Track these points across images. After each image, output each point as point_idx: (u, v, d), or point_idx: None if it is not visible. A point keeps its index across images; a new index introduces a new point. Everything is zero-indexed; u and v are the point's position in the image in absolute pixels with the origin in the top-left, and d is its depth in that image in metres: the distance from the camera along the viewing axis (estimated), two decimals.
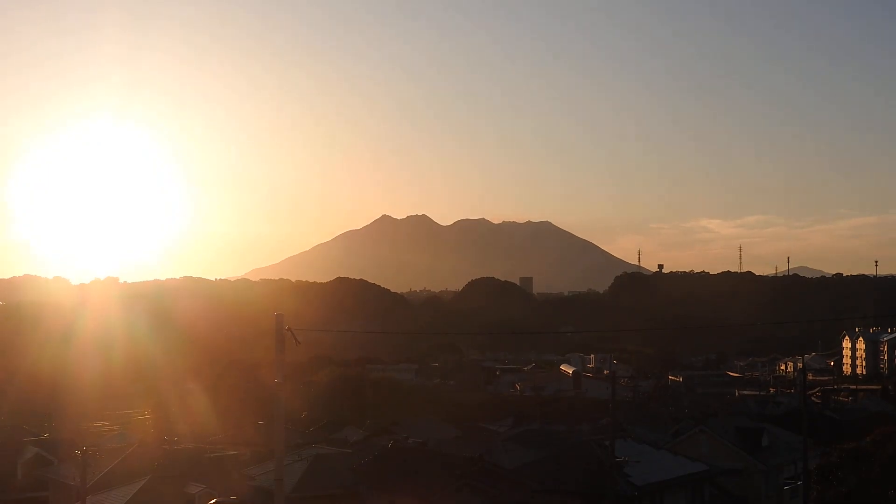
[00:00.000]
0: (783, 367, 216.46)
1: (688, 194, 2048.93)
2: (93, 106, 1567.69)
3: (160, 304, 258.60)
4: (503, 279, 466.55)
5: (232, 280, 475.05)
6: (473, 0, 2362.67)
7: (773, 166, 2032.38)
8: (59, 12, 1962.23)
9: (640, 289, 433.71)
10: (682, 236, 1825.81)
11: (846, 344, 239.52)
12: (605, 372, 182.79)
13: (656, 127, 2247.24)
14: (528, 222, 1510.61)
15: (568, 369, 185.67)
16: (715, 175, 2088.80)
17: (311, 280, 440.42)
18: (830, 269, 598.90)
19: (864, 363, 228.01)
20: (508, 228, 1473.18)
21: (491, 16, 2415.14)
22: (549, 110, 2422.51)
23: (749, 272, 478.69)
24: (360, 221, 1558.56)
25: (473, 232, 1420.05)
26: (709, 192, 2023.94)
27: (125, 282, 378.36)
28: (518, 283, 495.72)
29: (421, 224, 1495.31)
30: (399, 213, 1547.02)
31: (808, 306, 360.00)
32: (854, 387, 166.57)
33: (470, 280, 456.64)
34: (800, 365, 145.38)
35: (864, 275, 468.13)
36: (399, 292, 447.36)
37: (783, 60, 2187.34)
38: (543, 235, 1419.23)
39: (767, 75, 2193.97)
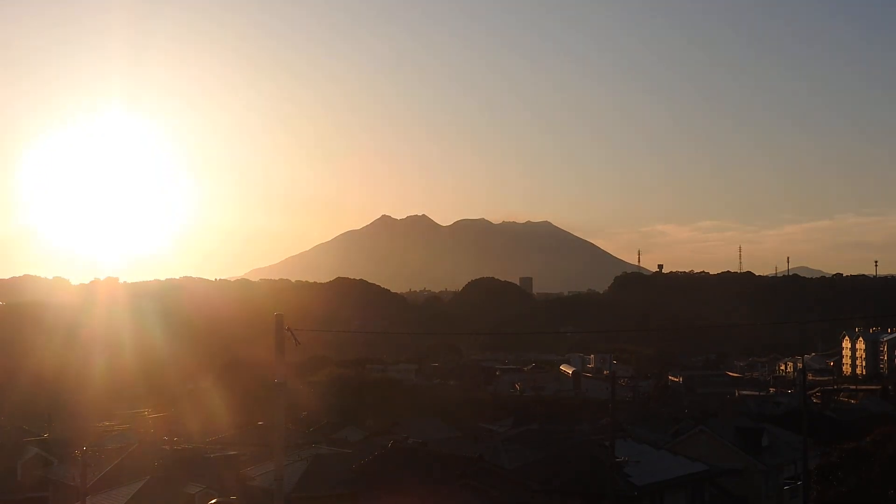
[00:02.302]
0: (783, 368, 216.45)
1: (645, 199, 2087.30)
2: (92, 107, 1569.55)
3: (160, 304, 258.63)
4: (503, 279, 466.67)
5: (232, 280, 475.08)
6: (473, 1, 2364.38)
7: (724, 173, 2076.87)
8: (60, 9, 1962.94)
9: (639, 289, 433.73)
10: (642, 240, 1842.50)
11: (846, 344, 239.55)
12: (605, 372, 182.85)
13: (628, 131, 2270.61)
14: (528, 222, 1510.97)
15: (568, 369, 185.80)
16: (670, 181, 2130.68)
17: (311, 280, 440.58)
18: (829, 270, 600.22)
19: (864, 363, 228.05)
20: (508, 228, 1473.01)
21: (490, 17, 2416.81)
22: (548, 111, 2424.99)
23: (749, 272, 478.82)
24: (360, 221, 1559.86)
25: (473, 232, 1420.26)
26: (663, 197, 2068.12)
27: (125, 282, 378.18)
28: (518, 283, 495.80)
29: (421, 224, 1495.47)
30: (399, 213, 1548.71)
31: (808, 306, 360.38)
32: (854, 387, 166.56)
33: (470, 280, 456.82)
34: (800, 365, 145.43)
35: (864, 275, 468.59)
36: (399, 292, 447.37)
37: (731, 72, 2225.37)
38: (543, 235, 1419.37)
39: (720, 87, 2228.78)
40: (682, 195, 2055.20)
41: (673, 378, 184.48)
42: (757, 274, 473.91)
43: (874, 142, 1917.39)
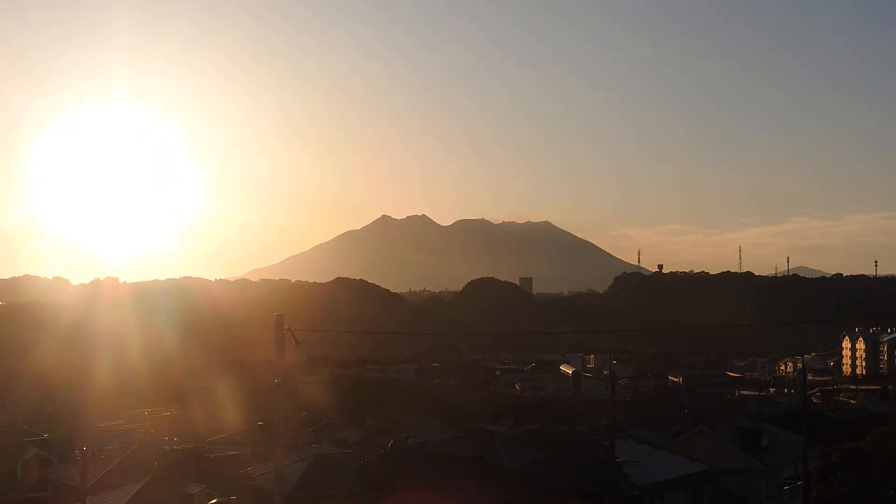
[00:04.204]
0: (783, 368, 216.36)
1: (611, 203, 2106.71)
2: (93, 107, 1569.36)
3: (160, 304, 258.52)
4: (503, 279, 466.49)
5: (232, 280, 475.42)
6: (473, 1, 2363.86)
7: (683, 178, 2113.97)
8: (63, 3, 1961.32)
9: (639, 289, 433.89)
10: (612, 242, 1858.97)
11: (846, 344, 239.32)
12: (605, 372, 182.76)
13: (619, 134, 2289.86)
14: (528, 222, 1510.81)
15: (568, 369, 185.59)
16: (633, 186, 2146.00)
17: (311, 280, 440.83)
18: (830, 270, 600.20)
19: (863, 363, 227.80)
20: (508, 228, 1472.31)
21: (491, 17, 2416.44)
22: (548, 110, 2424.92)
23: (749, 272, 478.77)
24: (360, 221, 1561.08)
25: (473, 232, 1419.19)
26: (625, 201, 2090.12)
27: (125, 282, 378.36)
28: (518, 284, 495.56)
29: (421, 224, 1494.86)
30: (399, 213, 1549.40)
31: (808, 306, 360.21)
32: (854, 387, 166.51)
33: (470, 280, 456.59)
34: (799, 365, 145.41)
35: (864, 275, 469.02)
36: (399, 292, 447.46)
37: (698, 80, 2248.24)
38: (543, 235, 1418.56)
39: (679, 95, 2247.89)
40: (643, 199, 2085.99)
41: (673, 378, 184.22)
42: (757, 274, 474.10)
43: (831, 147, 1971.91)
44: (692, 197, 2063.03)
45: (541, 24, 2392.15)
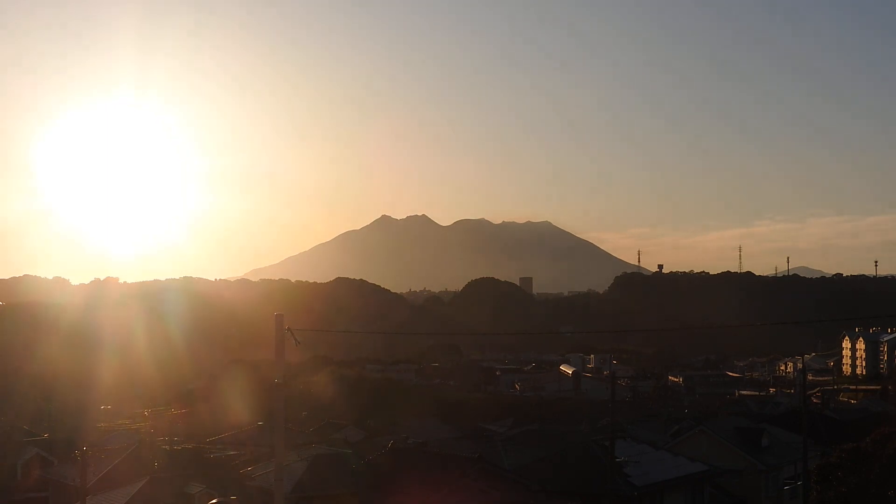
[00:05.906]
0: (783, 368, 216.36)
1: (593, 205, 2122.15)
2: (93, 106, 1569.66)
3: (160, 305, 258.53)
4: (503, 279, 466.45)
5: (232, 280, 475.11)
6: (474, 3, 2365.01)
7: (653, 182, 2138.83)
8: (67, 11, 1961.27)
9: (639, 289, 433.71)
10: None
11: (846, 344, 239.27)
12: (605, 372, 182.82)
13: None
14: (528, 222, 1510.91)
15: (568, 369, 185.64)
16: (607, 188, 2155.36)
17: (311, 280, 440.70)
18: (829, 270, 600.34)
19: (863, 363, 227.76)
20: (508, 228, 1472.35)
21: (491, 18, 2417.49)
22: (548, 111, 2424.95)
23: (749, 272, 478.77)
24: (360, 221, 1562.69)
25: (473, 232, 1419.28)
26: (604, 204, 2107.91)
27: (125, 282, 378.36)
28: (518, 284, 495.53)
29: (421, 224, 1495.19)
30: (399, 213, 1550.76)
31: (808, 306, 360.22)
32: (854, 387, 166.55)
33: (470, 280, 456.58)
34: (799, 365, 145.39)
35: (863, 275, 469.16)
36: (399, 292, 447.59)
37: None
38: (543, 235, 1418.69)
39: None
40: (618, 203, 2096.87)
41: (673, 378, 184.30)
42: (757, 274, 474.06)
43: (797, 152, 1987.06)
44: (662, 200, 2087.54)
45: (542, 27, 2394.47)
